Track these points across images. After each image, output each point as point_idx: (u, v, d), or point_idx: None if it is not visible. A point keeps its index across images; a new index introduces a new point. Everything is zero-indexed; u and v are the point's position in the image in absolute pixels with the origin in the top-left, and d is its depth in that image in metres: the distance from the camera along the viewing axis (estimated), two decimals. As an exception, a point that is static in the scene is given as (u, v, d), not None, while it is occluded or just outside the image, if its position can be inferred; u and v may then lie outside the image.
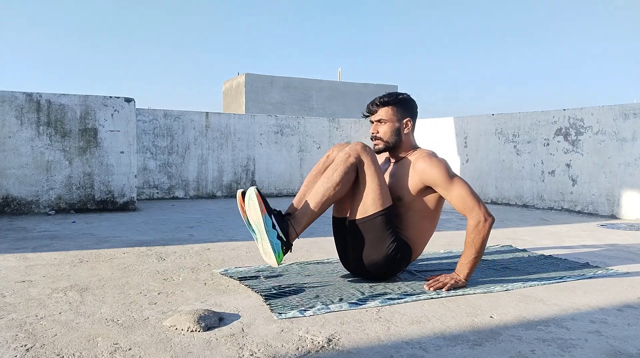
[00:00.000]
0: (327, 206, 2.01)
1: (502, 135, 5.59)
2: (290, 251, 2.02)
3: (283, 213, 2.03)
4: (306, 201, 2.01)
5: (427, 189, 2.07)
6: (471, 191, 2.00)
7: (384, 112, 2.14)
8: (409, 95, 2.20)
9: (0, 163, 4.21)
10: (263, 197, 1.93)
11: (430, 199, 2.09)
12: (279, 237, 1.93)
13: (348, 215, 2.08)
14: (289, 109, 13.15)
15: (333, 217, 2.18)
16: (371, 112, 2.18)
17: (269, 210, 1.93)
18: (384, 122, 2.14)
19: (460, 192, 1.98)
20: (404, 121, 2.15)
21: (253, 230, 1.96)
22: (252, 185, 6.15)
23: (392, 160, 2.21)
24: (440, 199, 2.11)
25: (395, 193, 2.08)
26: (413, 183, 2.06)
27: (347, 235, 2.09)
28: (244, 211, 1.96)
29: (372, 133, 2.18)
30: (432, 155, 2.09)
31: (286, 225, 1.97)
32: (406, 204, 2.08)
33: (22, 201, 4.28)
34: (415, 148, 2.18)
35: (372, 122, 2.19)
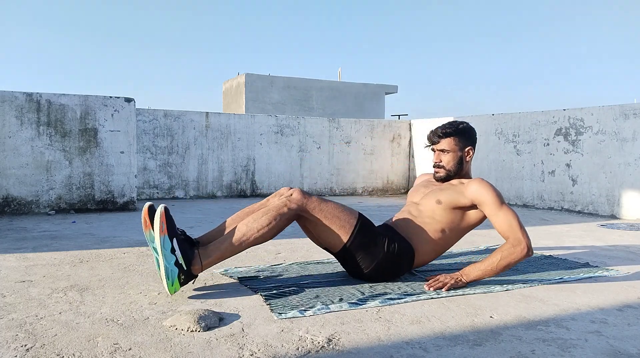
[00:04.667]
0: (245, 247, 1.90)
1: (502, 135, 5.59)
2: (192, 283, 1.91)
3: (194, 239, 1.92)
4: (225, 235, 1.91)
5: (469, 209, 2.11)
6: (520, 222, 2.02)
7: (446, 143, 2.19)
8: (468, 124, 2.27)
9: (0, 163, 4.21)
10: (170, 218, 1.81)
11: (462, 218, 2.12)
12: (177, 264, 1.79)
13: (331, 249, 2.09)
14: (289, 109, 13.15)
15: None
16: (434, 143, 2.23)
17: (171, 232, 1.79)
18: (446, 152, 2.19)
19: (510, 218, 2.00)
20: (466, 149, 2.21)
21: (155, 249, 1.81)
22: (253, 186, 6.19)
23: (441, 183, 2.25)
24: (471, 226, 2.15)
25: (436, 197, 2.12)
26: (459, 197, 2.09)
27: (341, 260, 2.12)
28: (147, 226, 1.82)
29: (436, 162, 2.22)
30: (488, 181, 2.13)
31: (192, 254, 1.84)
32: (433, 208, 2.12)
33: (22, 201, 4.28)
34: (469, 177, 2.25)
35: (434, 151, 2.23)
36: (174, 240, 1.80)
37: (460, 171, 2.21)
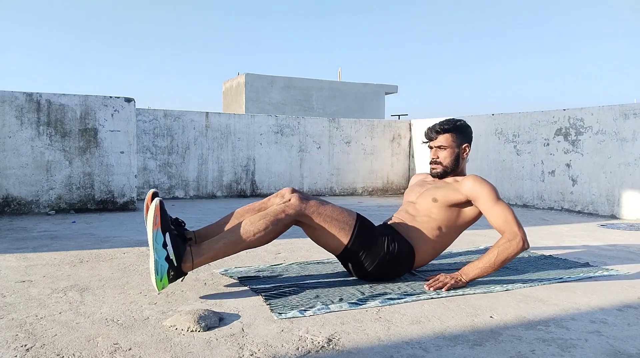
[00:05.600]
0: (239, 250, 1.89)
1: (502, 135, 5.59)
2: (182, 281, 1.89)
3: (186, 234, 1.89)
4: (221, 235, 1.89)
5: (464, 206, 2.11)
6: (515, 216, 2.03)
7: (443, 139, 2.20)
8: (465, 122, 2.27)
9: (0, 163, 4.21)
10: (164, 212, 1.78)
11: (454, 216, 2.13)
12: (167, 259, 1.76)
13: (333, 252, 2.08)
14: (289, 109, 13.15)
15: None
16: (431, 139, 2.24)
17: (164, 226, 1.77)
18: (443, 149, 2.20)
19: (506, 212, 2.01)
20: (463, 146, 2.22)
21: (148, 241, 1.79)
22: (253, 186, 6.19)
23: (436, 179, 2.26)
24: (468, 223, 2.15)
25: (432, 195, 2.13)
26: (453, 193, 2.10)
27: (343, 261, 2.13)
28: (146, 213, 1.81)
29: (433, 158, 2.23)
30: (483, 178, 2.14)
31: (182, 250, 1.81)
32: (429, 206, 2.13)
33: (22, 201, 4.28)
34: (464, 174, 2.25)
35: (431, 147, 2.25)
36: (167, 235, 1.77)
37: (456, 167, 2.22)
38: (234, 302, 1.82)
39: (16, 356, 1.34)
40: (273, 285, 2.03)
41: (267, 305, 1.78)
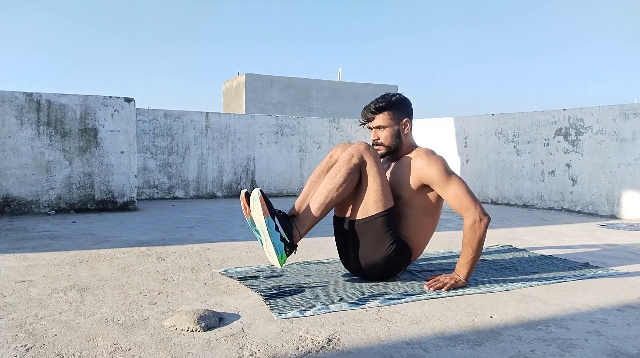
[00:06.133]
0: (331, 207, 2.01)
1: (502, 135, 5.59)
2: (295, 253, 2.03)
3: (287, 213, 2.03)
4: (309, 203, 2.02)
5: (426, 188, 2.07)
6: (467, 190, 2.00)
7: (381, 119, 2.13)
8: (401, 95, 2.19)
9: (0, 163, 4.21)
10: (267, 198, 1.93)
11: (429, 198, 2.09)
12: (282, 239, 1.93)
13: (349, 215, 2.06)
14: (289, 109, 13.15)
15: (334, 216, 2.17)
16: (368, 120, 2.17)
17: (272, 212, 1.93)
18: (382, 128, 2.14)
19: (457, 191, 1.98)
20: (402, 122, 2.15)
21: (257, 231, 1.97)
22: (253, 185, 6.19)
23: (392, 160, 2.22)
24: (440, 198, 2.11)
25: (395, 191, 2.08)
26: (412, 180, 2.07)
27: (347, 235, 2.08)
28: (248, 212, 1.97)
29: (373, 140, 2.18)
30: (431, 153, 2.09)
31: (290, 227, 1.97)
32: (405, 202, 2.08)
33: (22, 201, 4.28)
34: (414, 146, 2.18)
35: (371, 128, 2.18)
36: (275, 218, 1.93)
37: (399, 144, 2.14)
38: (234, 302, 1.82)
39: (16, 356, 1.34)
40: (273, 285, 2.03)
41: (267, 305, 1.78)
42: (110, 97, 4.59)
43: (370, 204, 2.00)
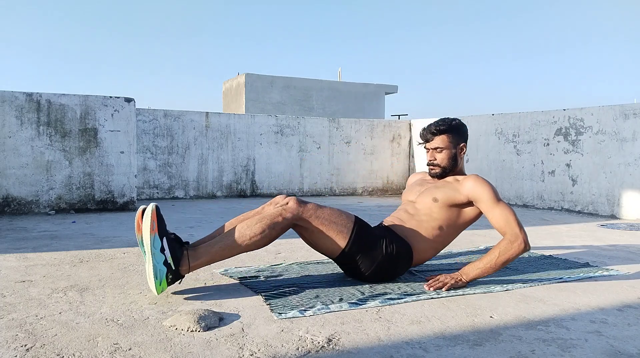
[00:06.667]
0: (235, 253, 1.89)
1: (502, 135, 5.59)
2: (179, 283, 1.91)
3: (183, 240, 1.90)
4: (217, 239, 1.90)
5: (464, 206, 2.11)
6: (517, 217, 2.03)
7: (440, 141, 2.19)
8: (460, 120, 2.25)
9: (0, 163, 4.21)
10: (161, 217, 1.80)
11: (454, 215, 2.13)
12: (165, 263, 1.78)
13: (331, 255, 2.07)
14: (289, 109, 13.15)
15: None
16: (427, 141, 2.22)
17: (161, 231, 1.78)
18: (440, 150, 2.19)
19: (507, 213, 2.01)
20: (459, 146, 2.21)
21: (144, 250, 1.80)
22: (253, 186, 6.19)
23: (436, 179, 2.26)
24: (464, 223, 2.15)
25: (433, 195, 2.13)
26: (453, 193, 2.10)
27: (342, 266, 2.13)
28: (140, 229, 1.81)
29: (430, 160, 2.23)
30: (483, 178, 2.13)
31: (180, 254, 1.82)
32: (429, 205, 2.12)
33: (22, 201, 4.28)
34: (464, 173, 2.25)
35: (428, 149, 2.23)
36: (164, 239, 1.78)
37: (454, 167, 2.22)
38: (234, 302, 1.82)
39: (16, 356, 1.34)
40: (273, 285, 2.03)
41: (267, 305, 1.78)
42: (110, 97, 4.59)
43: (335, 245, 1.99)
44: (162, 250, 1.77)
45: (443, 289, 1.97)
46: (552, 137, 5.09)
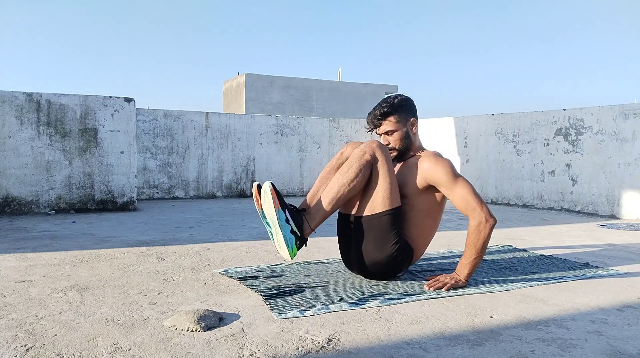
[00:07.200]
0: (342, 202, 2.02)
1: (502, 135, 5.59)
2: (305, 246, 2.05)
3: (298, 207, 2.04)
4: (320, 197, 2.03)
5: (431, 189, 2.08)
6: (474, 192, 2.00)
7: (388, 124, 2.15)
8: (402, 95, 2.20)
9: (0, 163, 4.21)
10: (278, 192, 1.96)
11: (433, 199, 2.10)
12: (292, 231, 1.95)
13: (355, 211, 2.07)
14: (289, 109, 13.15)
15: (339, 213, 2.18)
16: (375, 126, 2.18)
17: (282, 205, 1.95)
18: (391, 133, 2.15)
19: (463, 192, 1.99)
20: (409, 122, 2.16)
21: (268, 223, 1.99)
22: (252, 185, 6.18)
23: (399, 162, 2.22)
24: (443, 200, 2.11)
25: (400, 191, 2.08)
26: (418, 181, 2.07)
27: (352, 232, 2.09)
28: (259, 204, 1.99)
29: (385, 145, 2.17)
30: (438, 155, 2.11)
31: (301, 220, 1.99)
32: (409, 202, 2.09)
33: (22, 201, 4.28)
34: (421, 148, 2.20)
35: (380, 134, 2.19)
36: (286, 211, 1.95)
37: (410, 145, 2.16)
38: (234, 302, 1.82)
39: (16, 356, 1.34)
40: (273, 285, 2.03)
41: (267, 305, 1.78)
42: (110, 97, 4.59)
43: (378, 202, 2.01)
44: (287, 220, 1.95)
45: (443, 289, 1.97)
46: (552, 137, 5.09)
